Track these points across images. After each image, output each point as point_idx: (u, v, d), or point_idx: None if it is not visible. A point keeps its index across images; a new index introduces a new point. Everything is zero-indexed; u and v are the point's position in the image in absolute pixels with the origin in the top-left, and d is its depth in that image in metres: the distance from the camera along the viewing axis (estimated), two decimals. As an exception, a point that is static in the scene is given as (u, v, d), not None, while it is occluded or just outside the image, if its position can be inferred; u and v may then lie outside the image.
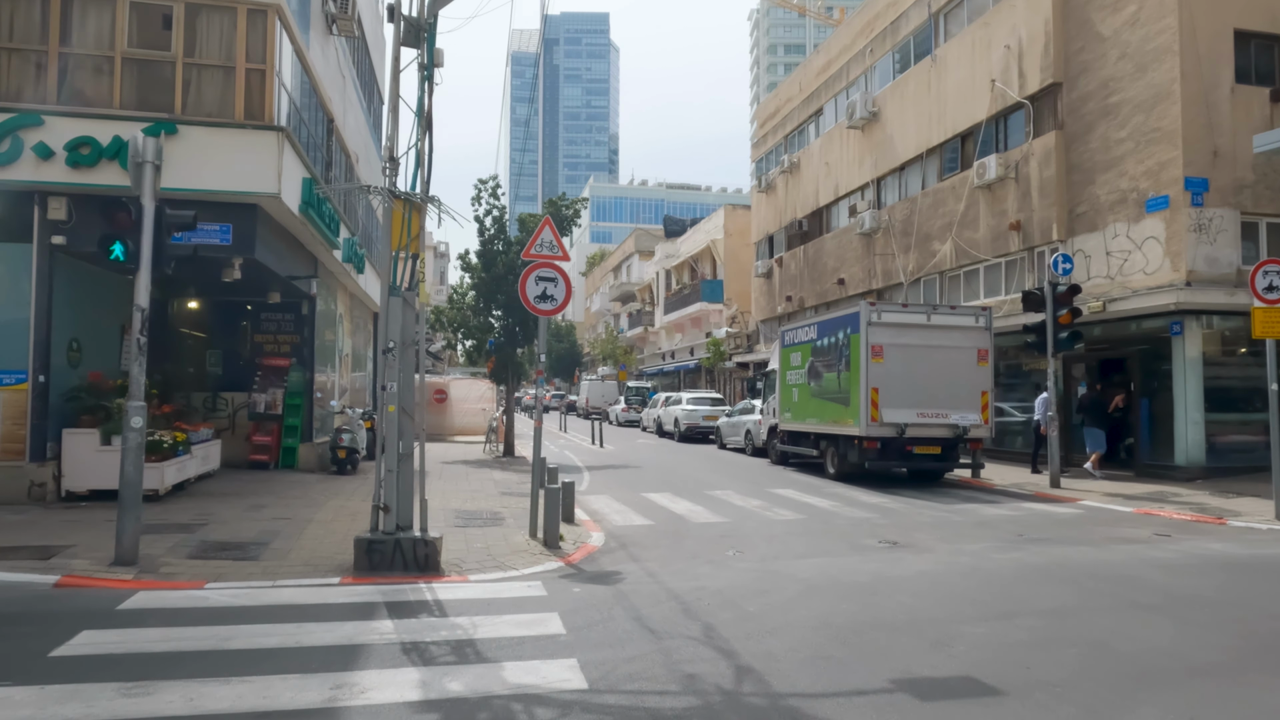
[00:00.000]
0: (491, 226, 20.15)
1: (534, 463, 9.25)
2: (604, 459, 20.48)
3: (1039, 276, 18.20)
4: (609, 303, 65.60)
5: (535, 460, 9.25)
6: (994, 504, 12.53)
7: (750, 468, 18.44)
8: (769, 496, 13.21)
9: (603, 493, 13.76)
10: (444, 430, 26.21)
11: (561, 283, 9.26)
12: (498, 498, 12.37)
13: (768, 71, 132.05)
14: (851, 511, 11.56)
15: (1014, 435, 18.80)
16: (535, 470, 9.23)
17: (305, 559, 7.70)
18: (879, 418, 14.31)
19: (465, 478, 15.06)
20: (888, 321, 14.56)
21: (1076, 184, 17.14)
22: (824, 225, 28.93)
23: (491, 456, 20.00)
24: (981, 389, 14.80)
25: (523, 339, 20.27)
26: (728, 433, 23.80)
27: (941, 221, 21.46)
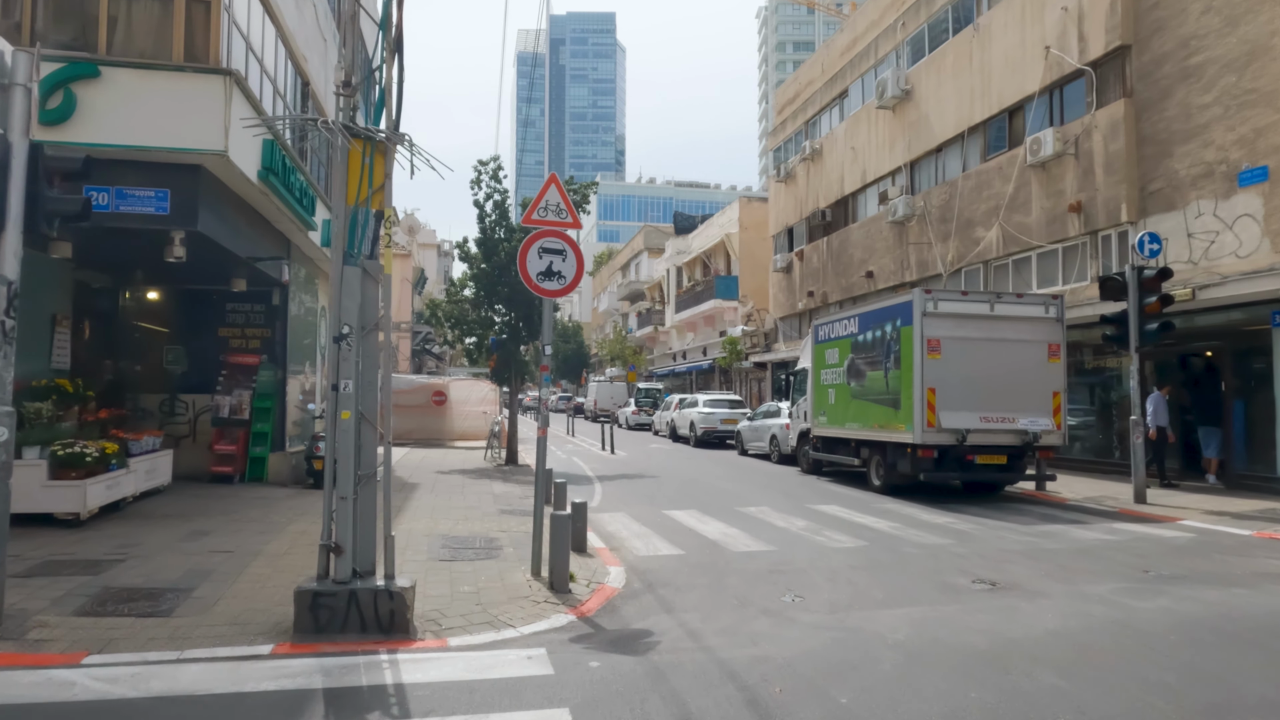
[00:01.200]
0: (493, 212, 18.31)
1: (537, 481, 7.37)
2: (616, 467, 18.60)
3: (1102, 264, 16.26)
4: (617, 302, 63.74)
5: (539, 478, 7.37)
6: (1082, 525, 10.59)
7: (781, 478, 16.51)
8: (813, 515, 11.30)
9: (618, 509, 11.88)
10: (443, 435, 24.38)
11: (571, 256, 7.39)
12: (496, 518, 10.49)
13: (776, 69, 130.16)
14: (919, 535, 9.64)
15: (1072, 440, 16.82)
16: (538, 491, 7.35)
17: (235, 614, 5.83)
18: (936, 422, 12.39)
19: (461, 491, 13.19)
20: (946, 312, 12.64)
21: (1149, 158, 15.19)
22: (849, 215, 26.99)
23: (493, 464, 18.14)
24: (1053, 389, 12.87)
25: (527, 335, 18.40)
26: (749, 438, 21.88)
27: (986, 206, 19.52)
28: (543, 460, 7.36)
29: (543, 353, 7.27)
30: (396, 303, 42.09)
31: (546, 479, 7.30)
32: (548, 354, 7.31)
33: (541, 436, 7.32)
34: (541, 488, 7.37)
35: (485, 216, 18.32)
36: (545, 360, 7.31)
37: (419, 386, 24.52)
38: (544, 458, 7.38)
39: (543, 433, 7.31)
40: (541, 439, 7.33)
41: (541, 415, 7.32)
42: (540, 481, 7.33)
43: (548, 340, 7.34)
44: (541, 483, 7.32)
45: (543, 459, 7.38)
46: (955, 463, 12.70)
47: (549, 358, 7.32)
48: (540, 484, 7.35)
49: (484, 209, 18.33)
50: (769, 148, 34.42)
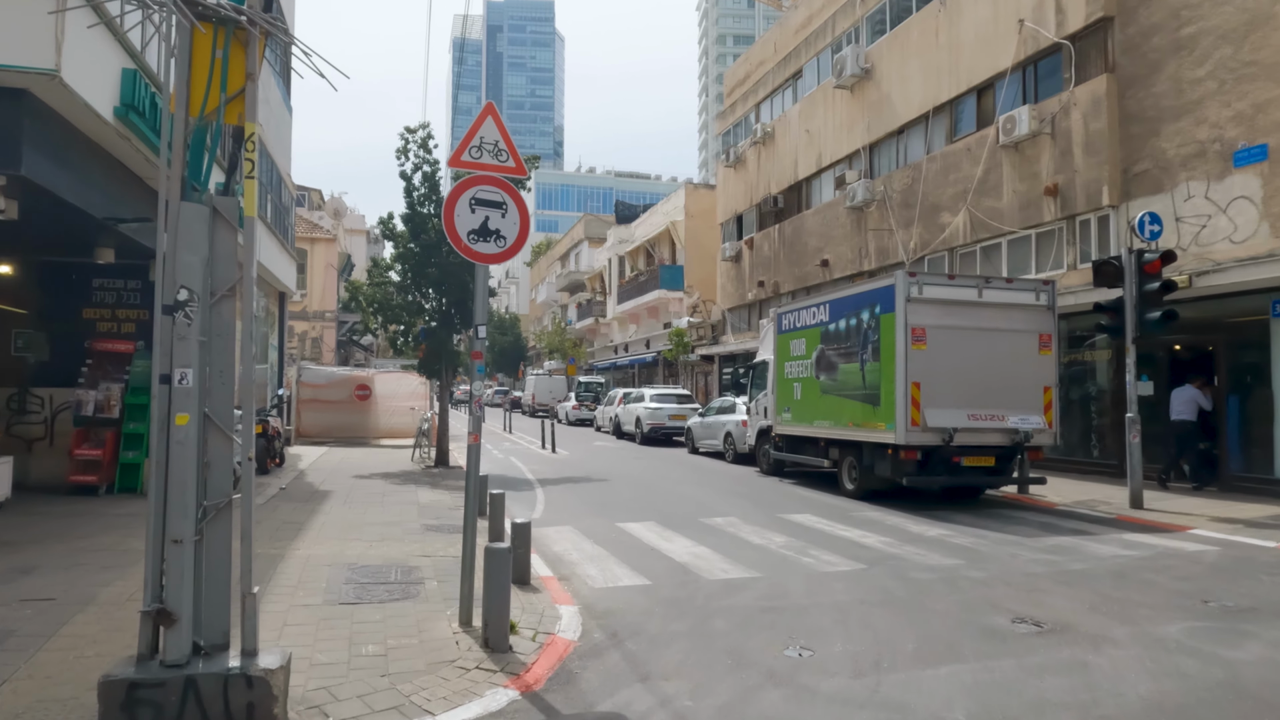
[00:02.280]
0: (422, 185, 16.43)
1: (468, 502, 5.67)
2: (559, 468, 16.92)
3: (1080, 251, 15.28)
4: (556, 293, 61.78)
5: (470, 495, 5.67)
6: (1091, 537, 9.39)
7: (741, 481, 15.08)
8: (789, 528, 9.85)
9: (564, 521, 10.24)
10: (367, 432, 22.30)
11: (513, 211, 5.72)
12: (419, 537, 8.72)
13: (716, 62, 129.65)
14: (920, 554, 8.26)
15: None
16: (470, 512, 5.66)
17: (18, 709, 4.01)
18: (921, 421, 11.09)
19: (381, 501, 11.35)
20: (931, 298, 11.35)
21: (1134, 137, 14.22)
22: (804, 201, 25.79)
23: (421, 466, 16.26)
24: (1044, 383, 11.72)
25: (460, 323, 16.56)
26: (701, 435, 20.44)
27: (953, 190, 18.45)
28: (475, 472, 5.67)
29: (475, 337, 5.58)
30: (321, 291, 39.46)
31: (480, 491, 5.61)
32: (482, 339, 5.62)
33: (474, 444, 5.62)
34: (474, 508, 5.68)
35: (413, 190, 16.42)
36: (478, 345, 5.61)
37: (340, 380, 22.37)
38: (477, 469, 5.69)
39: (475, 439, 5.61)
40: (474, 446, 5.62)
41: (474, 416, 5.62)
42: (472, 501, 5.64)
43: (481, 319, 5.64)
44: (474, 503, 5.64)
45: (475, 470, 5.68)
46: (941, 465, 11.44)
47: (482, 342, 5.63)
48: (472, 504, 5.67)
49: (411, 181, 16.43)
50: (718, 131, 33.08)
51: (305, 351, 38.92)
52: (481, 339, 5.60)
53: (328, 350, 39.88)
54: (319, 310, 39.78)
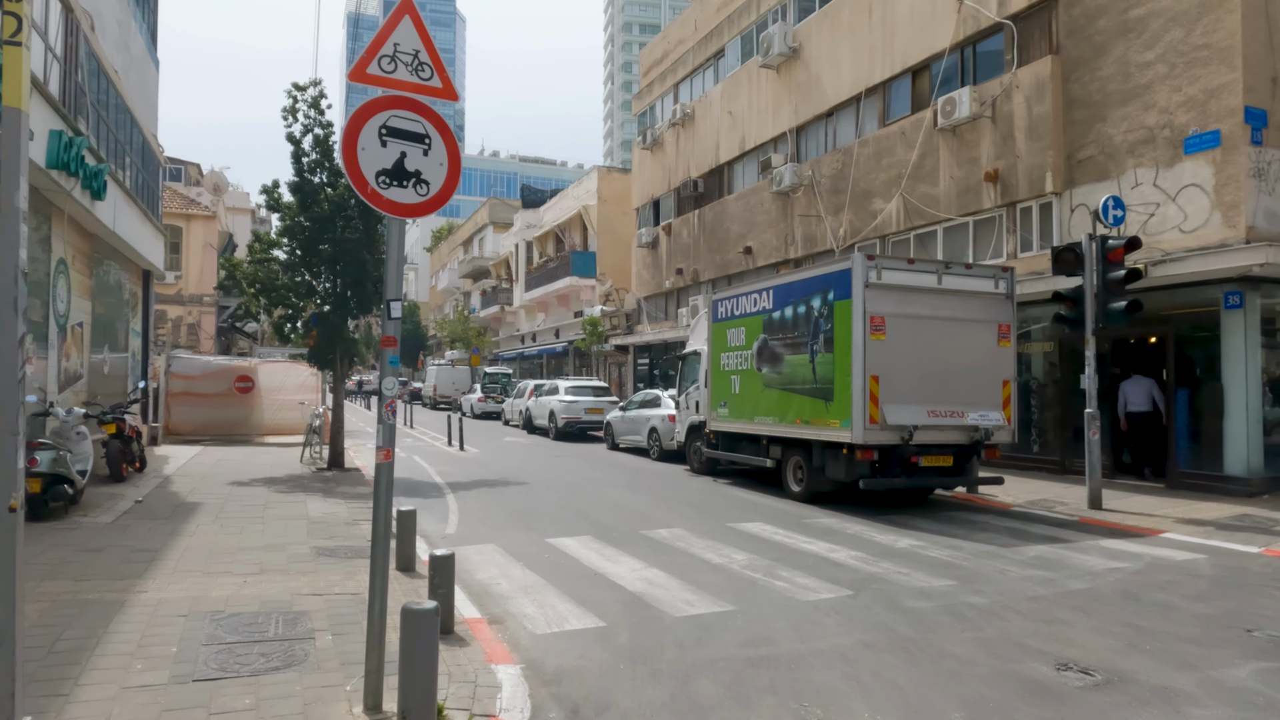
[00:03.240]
0: (313, 150, 14.44)
1: (376, 542, 4.16)
2: (470, 469, 15.32)
3: (1020, 239, 14.79)
4: (458, 280, 59.24)
5: (379, 532, 4.16)
6: (1068, 545, 8.62)
7: (673, 482, 13.90)
8: (745, 541, 8.69)
9: (486, 538, 8.77)
10: (249, 429, 19.98)
11: (439, 146, 4.25)
12: (309, 566, 7.08)
13: (623, 50, 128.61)
14: (902, 574, 7.22)
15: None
16: (378, 555, 4.17)
17: None
18: (880, 418, 10.14)
19: (261, 516, 9.55)
20: (890, 283, 10.40)
21: (1079, 122, 13.75)
22: (726, 185, 24.82)
23: (312, 469, 14.35)
24: (1003, 376, 10.99)
25: (357, 307, 14.69)
26: (622, 430, 19.18)
27: (886, 175, 17.77)
28: (386, 504, 4.16)
29: (386, 315, 4.09)
30: (199, 271, 36.06)
31: (385, 521, 4.12)
32: (395, 318, 4.12)
33: (385, 462, 4.11)
34: (384, 549, 4.19)
35: (302, 155, 14.42)
36: (390, 329, 4.12)
37: (217, 370, 19.94)
38: (388, 499, 4.18)
39: (387, 455, 4.10)
40: (384, 466, 4.11)
41: (385, 425, 4.11)
42: (382, 540, 4.14)
43: (395, 293, 4.15)
44: (384, 542, 4.14)
45: (386, 501, 4.17)
46: (898, 465, 10.54)
47: (396, 323, 4.14)
48: (382, 544, 4.17)
49: (300, 145, 14.42)
50: (634, 112, 31.78)
51: (181, 339, 35.52)
52: (395, 318, 4.10)
53: (206, 338, 36.56)
54: (196, 294, 36.42)
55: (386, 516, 4.05)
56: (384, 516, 4.05)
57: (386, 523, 4.06)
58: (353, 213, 14.32)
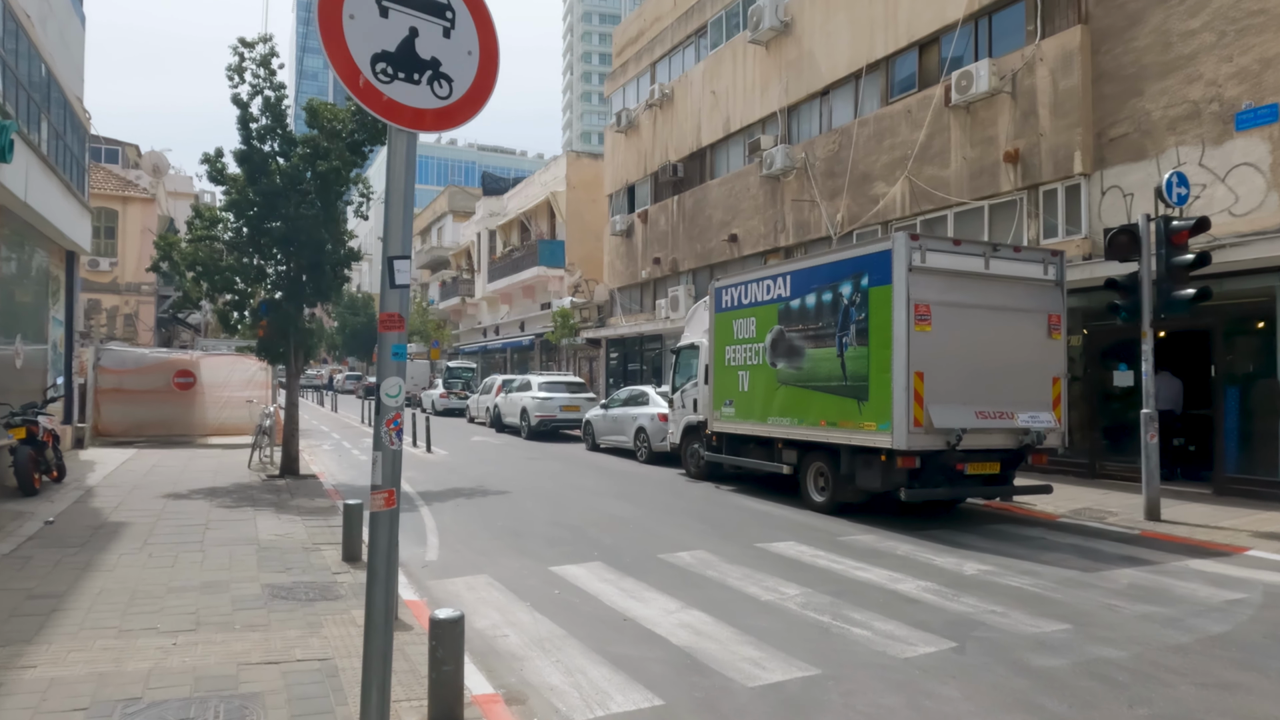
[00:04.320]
0: (263, 114, 12.71)
1: (370, 629, 2.69)
2: (442, 476, 13.74)
3: (1044, 224, 13.70)
4: (416, 270, 57.01)
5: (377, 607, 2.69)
6: (1156, 568, 7.47)
7: (672, 489, 12.53)
8: (788, 568, 7.36)
9: (476, 567, 7.30)
10: (191, 429, 18.07)
11: (466, 22, 2.78)
12: (259, 617, 5.53)
13: (582, 40, 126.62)
14: (997, 614, 5.95)
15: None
16: (374, 643, 2.70)
17: None
18: (925, 420, 8.88)
19: (201, 540, 7.91)
20: (935, 267, 9.15)
21: (1111, 97, 12.69)
22: (708, 169, 23.49)
23: (261, 475, 12.64)
24: (1053, 373, 9.83)
25: (313, 292, 13.01)
26: (604, 430, 17.74)
27: (889, 157, 16.60)
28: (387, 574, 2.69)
29: (388, 281, 2.62)
30: (137, 259, 33.54)
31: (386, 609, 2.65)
32: (401, 284, 2.65)
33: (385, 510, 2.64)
34: (384, 637, 2.72)
35: (250, 120, 12.68)
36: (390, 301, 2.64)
37: (153, 364, 17.98)
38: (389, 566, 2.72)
39: (390, 500, 2.63)
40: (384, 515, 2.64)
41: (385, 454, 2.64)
42: (381, 635, 2.67)
43: (403, 248, 2.68)
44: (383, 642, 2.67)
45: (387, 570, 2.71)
46: (941, 473, 9.32)
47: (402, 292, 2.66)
48: (381, 631, 2.70)
49: (248, 110, 12.67)
50: (606, 93, 30.24)
51: (117, 331, 33.05)
52: (400, 285, 2.64)
53: (145, 330, 34.13)
54: (134, 282, 33.98)
55: (389, 601, 2.60)
56: (385, 600, 2.59)
57: (389, 611, 2.60)
58: (308, 187, 12.64)
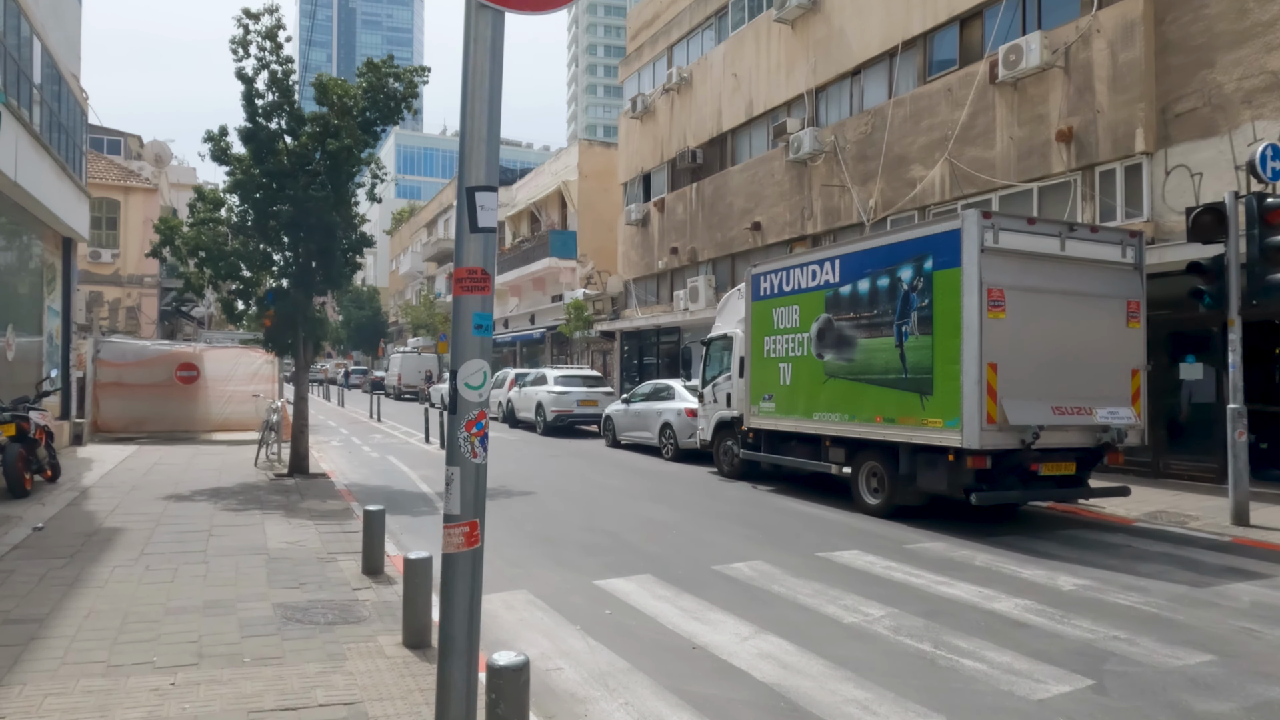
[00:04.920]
0: (269, 90, 11.90)
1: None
2: (459, 474, 12.94)
3: (1101, 206, 12.86)
4: (422, 263, 56.26)
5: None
6: (1269, 582, 6.67)
7: (706, 490, 11.74)
8: (857, 580, 6.57)
9: (512, 580, 6.52)
10: (194, 425, 17.32)
11: None
12: (270, 647, 4.74)
13: (587, 32, 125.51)
14: (1123, 641, 5.15)
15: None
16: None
17: None
18: (999, 416, 8.08)
19: (204, 550, 7.14)
20: (1009, 248, 8.33)
21: (1177, 69, 11.84)
22: (729, 155, 22.64)
23: (268, 474, 11.88)
24: (1132, 365, 9.01)
25: (323, 279, 12.23)
26: (626, 426, 16.95)
27: (927, 138, 15.75)
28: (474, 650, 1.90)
29: (468, 223, 1.81)
30: (139, 250, 32.77)
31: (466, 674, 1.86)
32: (486, 228, 1.84)
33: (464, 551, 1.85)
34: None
35: (255, 96, 11.87)
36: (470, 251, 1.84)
37: (154, 357, 17.21)
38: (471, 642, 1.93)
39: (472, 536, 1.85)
40: (462, 560, 1.86)
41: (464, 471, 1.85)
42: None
43: (484, 177, 1.86)
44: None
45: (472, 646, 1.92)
46: (1014, 474, 8.52)
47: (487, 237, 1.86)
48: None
49: (254, 85, 11.87)
50: (620, 79, 29.38)
51: (120, 324, 32.33)
52: (485, 229, 1.84)
53: (148, 322, 33.42)
54: (136, 274, 33.26)
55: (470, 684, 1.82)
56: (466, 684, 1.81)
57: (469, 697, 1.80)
58: (318, 167, 11.85)
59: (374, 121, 12.45)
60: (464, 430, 1.89)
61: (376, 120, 12.48)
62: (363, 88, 12.27)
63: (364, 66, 12.79)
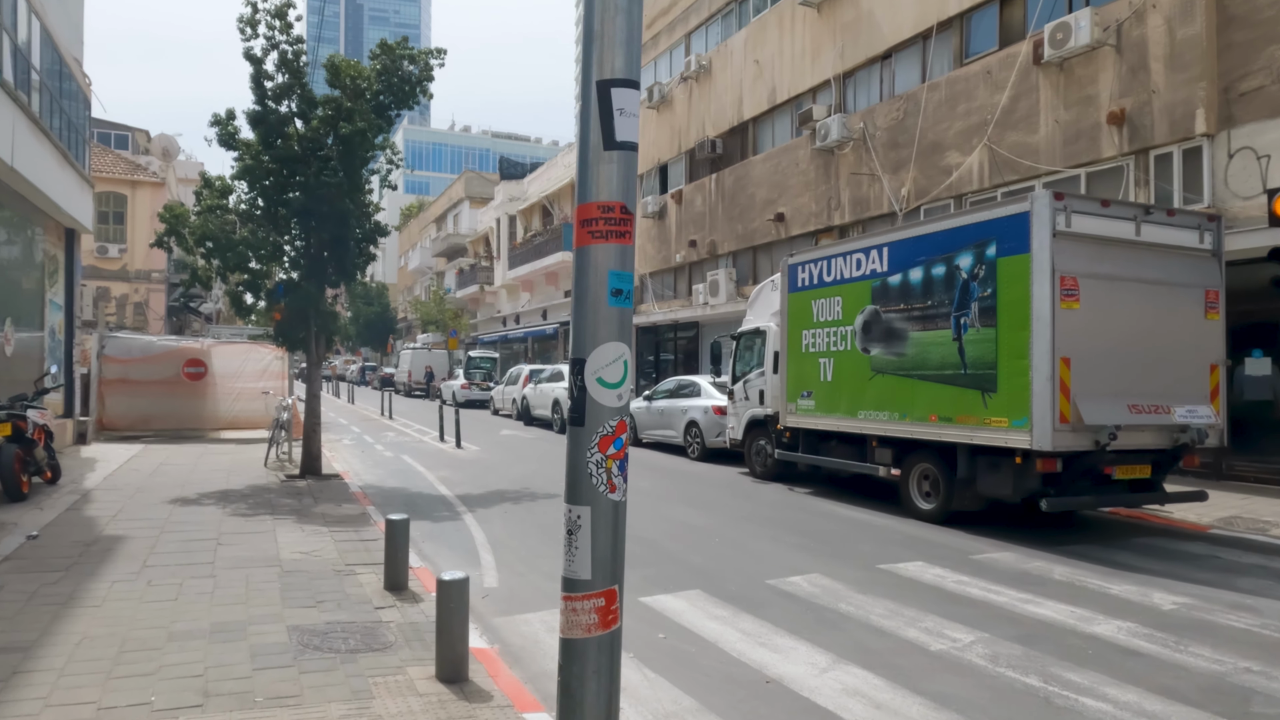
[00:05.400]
0: (279, 72, 11.32)
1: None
2: (478, 475, 12.36)
3: (1157, 191, 12.16)
4: (431, 259, 55.73)
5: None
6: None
7: (741, 493, 11.12)
8: (930, 597, 5.94)
9: (553, 599, 5.88)
10: (202, 422, 16.78)
11: None
12: (287, 683, 4.13)
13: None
14: (1255, 674, 4.52)
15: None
16: None
17: None
18: (1073, 415, 7.42)
19: (210, 560, 6.55)
20: (1082, 233, 7.67)
21: (1241, 45, 11.13)
22: (750, 145, 21.96)
23: (279, 475, 11.31)
24: (1210, 359, 8.35)
25: (335, 271, 11.65)
26: (648, 424, 16.33)
27: (964, 124, 15.06)
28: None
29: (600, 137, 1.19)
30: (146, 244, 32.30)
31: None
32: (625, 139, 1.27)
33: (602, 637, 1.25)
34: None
35: (265, 78, 11.30)
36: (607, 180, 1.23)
37: (161, 353, 16.66)
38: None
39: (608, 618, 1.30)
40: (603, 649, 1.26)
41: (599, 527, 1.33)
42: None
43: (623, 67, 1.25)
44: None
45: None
46: (1086, 478, 7.87)
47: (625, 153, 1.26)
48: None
49: (263, 66, 11.28)
50: (636, 68, 28.66)
51: (126, 319, 31.88)
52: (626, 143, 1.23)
53: (155, 318, 32.97)
54: (143, 269, 32.80)
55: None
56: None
57: None
58: (330, 152, 11.28)
59: (388, 106, 11.88)
60: (595, 450, 1.27)
61: (391, 104, 11.91)
62: (376, 69, 11.70)
63: (377, 48, 12.23)
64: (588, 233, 1.33)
